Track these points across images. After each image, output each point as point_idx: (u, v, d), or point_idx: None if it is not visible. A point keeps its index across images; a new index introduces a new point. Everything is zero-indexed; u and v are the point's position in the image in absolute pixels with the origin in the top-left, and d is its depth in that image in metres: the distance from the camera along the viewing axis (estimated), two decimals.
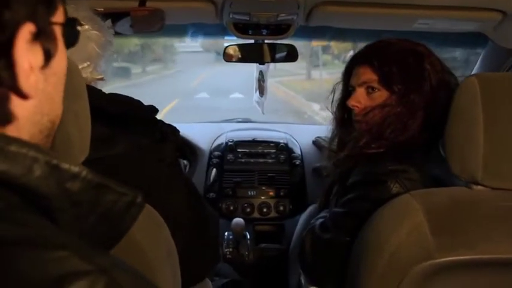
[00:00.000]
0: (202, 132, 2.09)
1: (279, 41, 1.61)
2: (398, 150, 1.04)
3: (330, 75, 11.71)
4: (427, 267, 0.77)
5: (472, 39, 1.67)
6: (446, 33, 1.52)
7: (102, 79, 1.05)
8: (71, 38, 0.50)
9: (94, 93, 0.94)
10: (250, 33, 1.46)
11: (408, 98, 1.06)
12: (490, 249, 0.77)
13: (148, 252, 0.74)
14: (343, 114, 1.24)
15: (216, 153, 1.91)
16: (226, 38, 1.86)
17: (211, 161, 1.89)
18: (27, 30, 0.39)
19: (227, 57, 1.64)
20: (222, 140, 1.99)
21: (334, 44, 10.66)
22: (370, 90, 1.11)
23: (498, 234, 0.79)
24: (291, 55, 1.64)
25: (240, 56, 1.64)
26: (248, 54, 1.64)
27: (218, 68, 13.88)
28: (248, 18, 1.37)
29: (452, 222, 0.79)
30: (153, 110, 1.03)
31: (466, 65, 1.83)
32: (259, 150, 1.92)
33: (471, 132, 0.80)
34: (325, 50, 13.20)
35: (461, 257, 0.77)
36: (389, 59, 1.09)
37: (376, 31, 1.44)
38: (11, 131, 0.42)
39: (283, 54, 1.65)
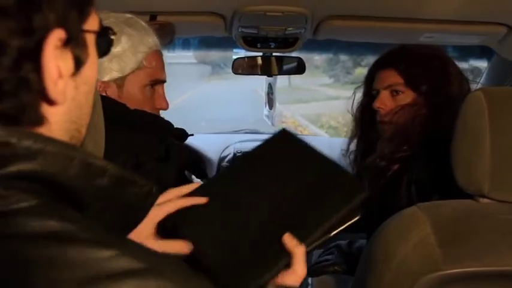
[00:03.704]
0: (211, 143, 2.10)
1: (286, 54, 1.64)
2: (428, 150, 1.07)
3: None
4: (433, 279, 0.77)
5: (478, 52, 1.68)
6: (453, 46, 1.54)
7: None
8: (104, 46, 0.50)
9: (114, 105, 0.96)
10: (258, 46, 1.49)
11: (435, 98, 1.11)
12: (496, 261, 0.78)
13: None
14: (365, 117, 1.27)
15: (225, 163, 1.93)
16: (234, 50, 1.89)
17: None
18: (56, 36, 0.39)
19: (236, 70, 1.68)
20: (230, 151, 2.00)
21: None
22: (394, 93, 1.16)
23: (504, 247, 0.79)
24: (299, 68, 1.67)
25: (248, 68, 1.67)
26: (256, 67, 1.67)
27: (212, 84, 11.58)
28: (256, 32, 1.40)
29: (459, 235, 0.80)
30: (183, 134, 1.03)
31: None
32: None
33: (477, 146, 0.81)
34: (356, 61, 8.80)
35: (468, 269, 0.77)
36: (414, 62, 1.14)
37: (382, 44, 1.46)
38: (44, 133, 0.42)
39: (291, 66, 1.67)
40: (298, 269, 0.65)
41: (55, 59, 0.39)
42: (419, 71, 1.13)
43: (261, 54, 1.64)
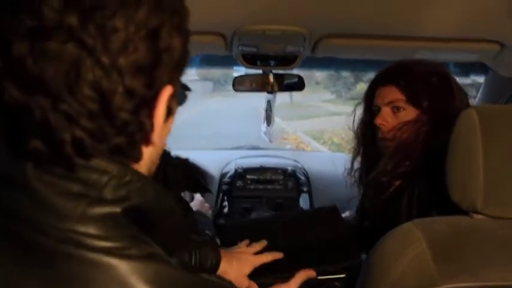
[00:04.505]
0: (212, 159, 2.12)
1: (286, 71, 1.66)
2: (429, 166, 1.07)
3: None
4: None
5: (480, 67, 1.70)
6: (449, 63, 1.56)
7: None
8: (181, 99, 0.60)
9: None
10: (258, 64, 1.52)
11: (438, 115, 1.10)
12: (492, 276, 0.79)
13: None
14: (367, 134, 1.28)
15: (226, 180, 1.95)
16: (235, 68, 1.92)
17: (221, 188, 1.92)
18: (168, 91, 0.48)
19: (236, 87, 1.70)
20: (231, 166, 2.02)
21: None
22: (396, 109, 1.15)
23: (500, 262, 0.80)
24: (298, 85, 1.69)
25: (248, 85, 1.70)
26: (256, 84, 1.69)
27: (215, 100, 11.32)
28: (256, 50, 1.42)
29: (454, 250, 0.81)
30: (180, 160, 1.06)
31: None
32: (268, 177, 1.94)
33: (471, 163, 0.82)
34: (357, 76, 8.39)
35: (464, 284, 0.78)
36: (415, 78, 1.14)
37: (383, 60, 1.48)
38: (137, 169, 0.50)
39: (291, 83, 1.70)
40: (291, 284, 0.96)
41: (163, 110, 0.48)
42: (420, 87, 1.13)
43: (261, 71, 1.66)
